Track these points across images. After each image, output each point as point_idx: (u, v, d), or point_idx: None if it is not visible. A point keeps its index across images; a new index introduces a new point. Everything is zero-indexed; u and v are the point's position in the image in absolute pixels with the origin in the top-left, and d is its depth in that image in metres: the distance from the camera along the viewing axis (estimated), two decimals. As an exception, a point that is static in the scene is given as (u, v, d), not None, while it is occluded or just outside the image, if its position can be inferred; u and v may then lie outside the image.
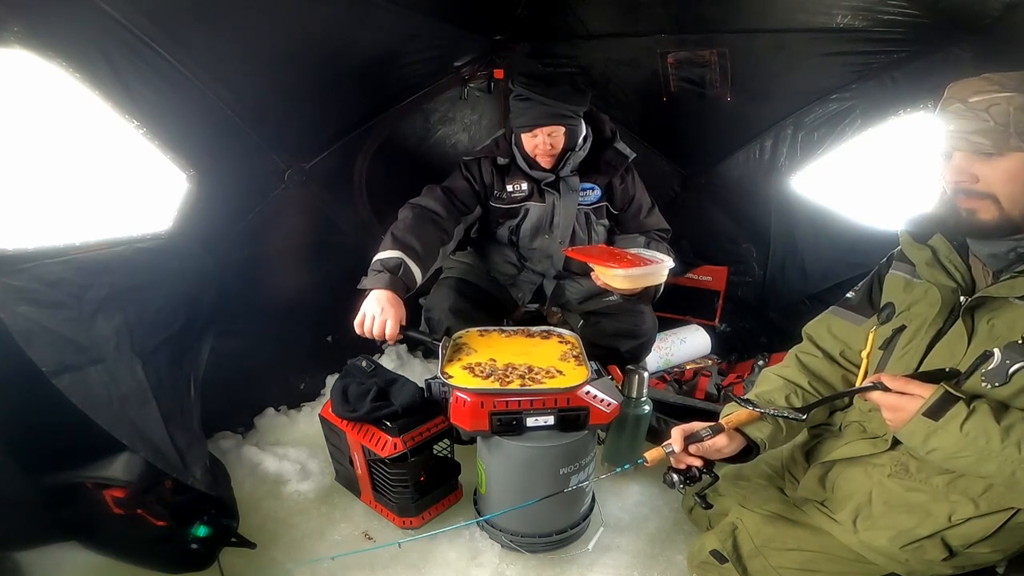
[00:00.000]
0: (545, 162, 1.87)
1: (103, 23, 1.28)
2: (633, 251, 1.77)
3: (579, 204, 1.93)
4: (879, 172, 2.09)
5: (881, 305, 1.24)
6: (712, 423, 1.20)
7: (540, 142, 1.82)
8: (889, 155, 2.03)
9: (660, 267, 1.65)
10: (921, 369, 1.09)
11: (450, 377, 1.41)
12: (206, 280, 1.68)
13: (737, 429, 1.21)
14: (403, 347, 2.40)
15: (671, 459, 1.19)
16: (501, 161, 1.93)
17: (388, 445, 1.48)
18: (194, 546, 1.38)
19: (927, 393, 0.96)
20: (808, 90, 2.13)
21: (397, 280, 1.62)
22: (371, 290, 1.60)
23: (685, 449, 1.17)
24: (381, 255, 1.68)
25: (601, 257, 1.67)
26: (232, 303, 1.77)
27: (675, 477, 1.18)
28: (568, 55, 2.38)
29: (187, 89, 1.50)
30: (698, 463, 1.17)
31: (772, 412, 1.15)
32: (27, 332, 1.20)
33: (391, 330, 1.54)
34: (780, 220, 2.39)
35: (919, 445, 0.99)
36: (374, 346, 2.35)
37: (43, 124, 1.32)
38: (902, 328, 1.16)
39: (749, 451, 1.22)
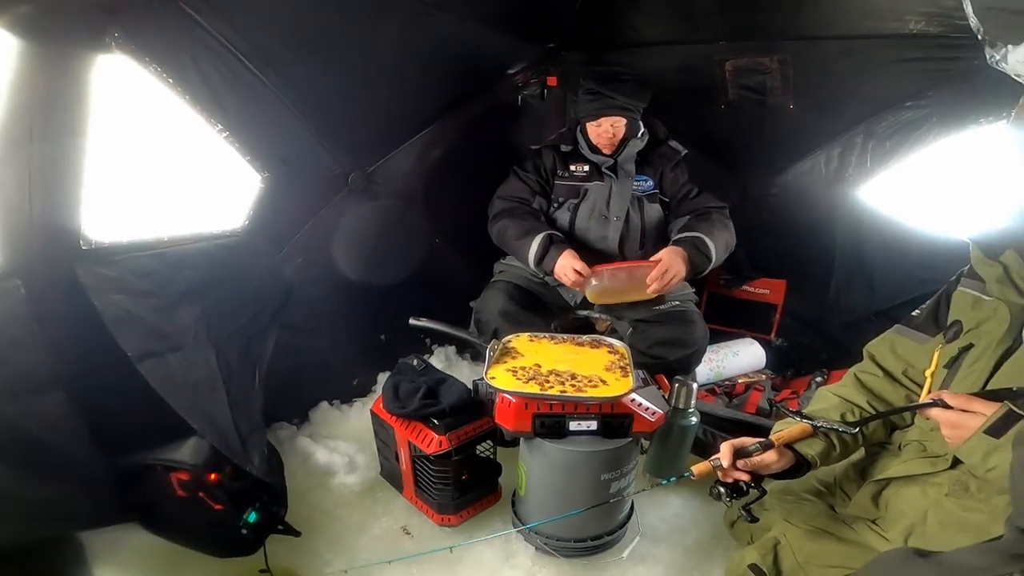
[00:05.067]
0: (607, 149, 2.09)
1: (194, 33, 1.39)
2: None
3: (633, 191, 2.09)
4: (956, 183, 1.96)
5: (948, 323, 1.19)
6: (762, 439, 1.18)
7: (604, 130, 2.05)
8: (967, 165, 1.91)
9: (635, 270, 1.89)
10: (987, 389, 1.04)
11: (493, 378, 1.44)
12: (273, 276, 1.78)
13: (788, 446, 1.18)
14: (452, 348, 2.45)
15: (718, 473, 1.17)
16: (565, 148, 2.16)
17: (434, 442, 1.52)
18: (244, 531, 1.42)
19: (989, 411, 0.94)
20: (879, 98, 2.05)
21: (557, 244, 1.97)
22: (554, 266, 1.94)
23: (733, 464, 1.15)
24: (532, 252, 1.97)
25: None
26: (294, 300, 1.84)
27: (721, 490, 1.17)
28: (622, 63, 2.37)
29: (266, 96, 1.61)
30: (746, 478, 1.16)
31: (823, 425, 1.14)
32: (117, 319, 1.29)
33: (579, 267, 1.90)
34: (847, 233, 2.29)
35: (979, 463, 0.95)
36: (425, 346, 2.41)
37: (137, 127, 1.42)
38: (969, 347, 1.11)
39: (799, 467, 1.19)
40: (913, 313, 1.30)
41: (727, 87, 2.24)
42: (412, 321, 1.84)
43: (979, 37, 0.55)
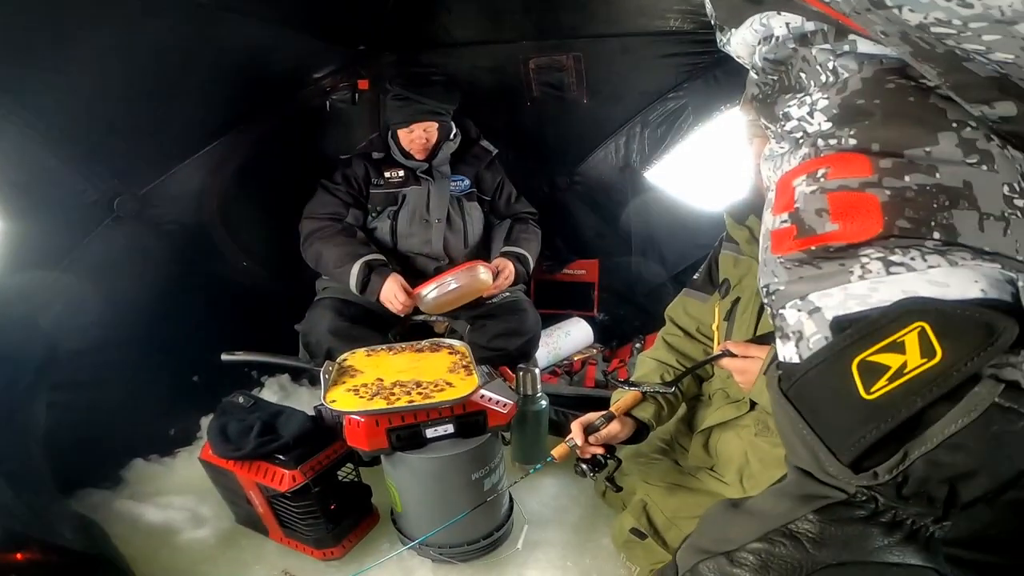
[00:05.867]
0: (420, 154, 2.07)
1: None
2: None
3: (451, 191, 2.11)
4: (712, 162, 2.37)
5: (719, 281, 1.41)
6: (605, 412, 1.29)
7: (416, 136, 2.02)
8: (717, 146, 2.31)
9: (460, 277, 1.92)
10: (758, 334, 1.25)
11: (334, 402, 1.35)
12: (26, 331, 1.46)
13: (627, 413, 1.31)
14: (285, 377, 2.24)
15: (576, 451, 1.26)
16: (376, 156, 2.10)
17: (286, 478, 1.38)
18: None
19: (763, 354, 1.12)
20: (651, 90, 2.35)
21: (379, 269, 1.92)
22: (379, 294, 1.90)
23: (586, 440, 1.24)
24: (353, 281, 1.90)
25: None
26: (68, 353, 1.55)
27: (584, 467, 1.27)
28: (434, 63, 2.39)
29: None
30: (600, 450, 1.26)
31: (646, 389, 1.29)
32: None
33: (403, 298, 1.88)
34: (638, 212, 2.61)
35: (768, 403, 1.14)
36: (250, 380, 2.17)
37: None
38: (738, 299, 1.32)
39: (641, 432, 1.33)
40: (694, 276, 1.51)
41: (531, 84, 2.39)
42: (224, 357, 1.64)
43: (713, 23, 0.65)
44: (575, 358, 2.50)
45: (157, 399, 1.89)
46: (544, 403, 1.71)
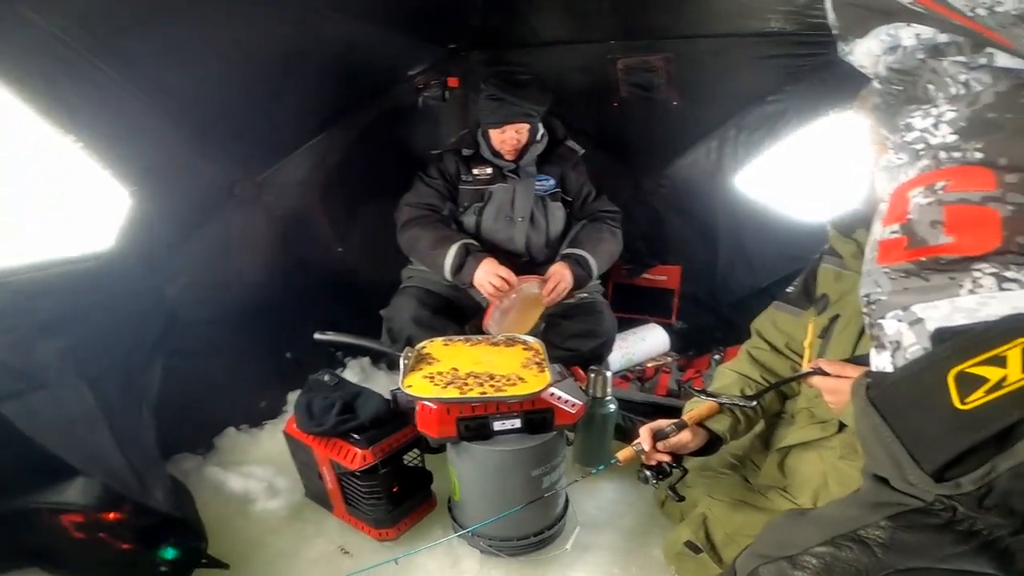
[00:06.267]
0: (510, 155, 2.09)
1: (38, 36, 1.22)
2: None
3: (536, 190, 2.12)
4: (814, 169, 2.21)
5: (817, 296, 1.32)
6: (676, 420, 1.25)
7: (508, 137, 2.04)
8: (821, 153, 2.16)
9: (519, 292, 1.93)
10: (855, 354, 1.16)
11: (410, 387, 1.40)
12: (153, 301, 1.63)
13: (700, 424, 1.26)
14: (366, 360, 2.37)
15: (642, 457, 1.23)
16: (466, 152, 2.14)
17: (357, 457, 1.46)
18: (163, 569, 1.35)
19: (859, 374, 1.04)
20: (747, 93, 2.24)
21: (475, 253, 1.94)
22: (473, 276, 1.92)
23: (654, 446, 1.21)
24: (448, 261, 1.94)
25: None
26: (184, 323, 1.71)
27: (647, 473, 1.24)
28: (522, 63, 2.41)
29: (128, 102, 1.44)
30: (667, 458, 1.23)
31: (725, 401, 1.23)
32: (-37, 360, 1.14)
33: (504, 273, 1.88)
34: (727, 219, 2.49)
35: None
36: (336, 360, 2.31)
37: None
38: (836, 317, 1.24)
39: (712, 444, 1.28)
40: (787, 289, 1.43)
41: (619, 85, 2.35)
42: (317, 336, 1.76)
43: (834, 32, 0.62)
44: (648, 365, 2.44)
45: (254, 372, 2.07)
46: (613, 407, 1.68)
